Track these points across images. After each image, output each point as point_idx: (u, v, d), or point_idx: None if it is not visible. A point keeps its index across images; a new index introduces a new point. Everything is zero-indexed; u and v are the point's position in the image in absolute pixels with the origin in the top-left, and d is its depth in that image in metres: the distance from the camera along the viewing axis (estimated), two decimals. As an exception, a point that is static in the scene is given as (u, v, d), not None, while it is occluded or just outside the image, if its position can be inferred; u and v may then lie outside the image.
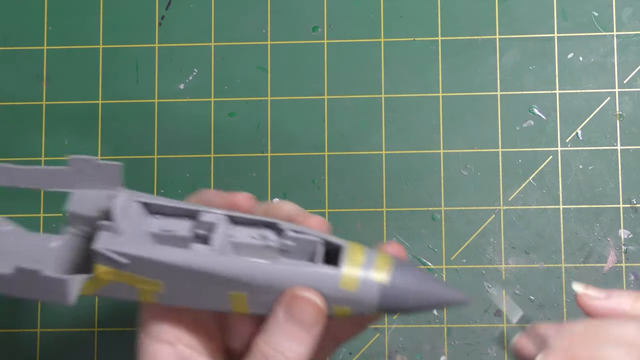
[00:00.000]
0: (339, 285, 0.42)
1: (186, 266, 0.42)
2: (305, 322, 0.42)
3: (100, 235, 0.42)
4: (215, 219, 0.43)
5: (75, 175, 0.45)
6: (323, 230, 0.45)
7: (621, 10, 0.64)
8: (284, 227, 0.43)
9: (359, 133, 0.64)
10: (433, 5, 0.64)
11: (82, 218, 0.45)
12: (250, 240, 0.43)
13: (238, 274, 0.42)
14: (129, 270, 0.42)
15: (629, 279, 0.62)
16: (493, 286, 0.61)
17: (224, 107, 0.65)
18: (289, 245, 0.43)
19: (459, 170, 0.63)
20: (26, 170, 0.45)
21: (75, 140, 0.65)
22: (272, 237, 0.44)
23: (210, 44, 0.65)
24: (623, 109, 0.63)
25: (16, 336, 0.63)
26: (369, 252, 0.43)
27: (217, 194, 0.46)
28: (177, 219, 0.44)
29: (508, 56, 0.64)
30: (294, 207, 0.46)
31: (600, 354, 0.40)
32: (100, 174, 0.45)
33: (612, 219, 0.62)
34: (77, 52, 0.66)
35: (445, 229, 0.63)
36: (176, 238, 0.43)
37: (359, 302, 0.43)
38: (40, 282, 0.41)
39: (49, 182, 0.46)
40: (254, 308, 0.44)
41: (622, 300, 0.43)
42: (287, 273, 0.42)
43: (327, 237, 0.44)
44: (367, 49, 0.64)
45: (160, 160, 0.64)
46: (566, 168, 0.63)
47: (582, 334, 0.41)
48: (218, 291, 0.43)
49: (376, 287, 0.42)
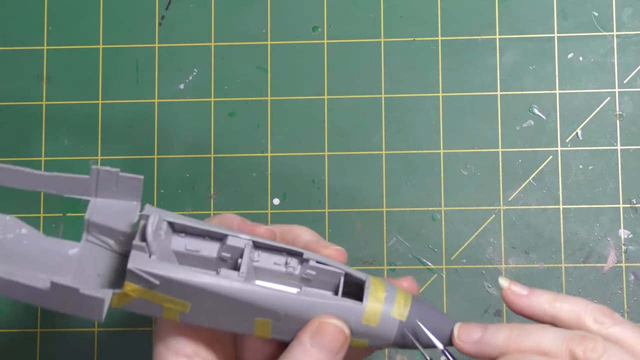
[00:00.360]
0: (362, 320, 0.44)
1: (218, 292, 0.43)
2: (331, 349, 0.43)
3: (133, 254, 0.43)
4: (242, 244, 0.44)
5: (95, 185, 0.45)
6: (342, 259, 0.46)
7: (621, 10, 0.64)
8: (309, 256, 0.45)
9: (359, 133, 0.64)
10: (433, 5, 0.64)
11: (100, 227, 0.45)
12: (273, 266, 0.45)
13: (268, 303, 0.43)
14: (159, 291, 0.43)
15: (629, 279, 0.62)
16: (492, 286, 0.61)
17: (224, 107, 0.65)
18: (310, 275, 0.45)
19: (459, 170, 0.63)
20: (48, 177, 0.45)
21: (75, 141, 0.65)
22: (295, 265, 0.45)
23: (210, 44, 0.65)
24: (623, 109, 0.63)
25: (16, 336, 0.63)
26: (389, 287, 0.45)
27: (239, 221, 0.47)
28: (201, 239, 0.45)
29: (508, 56, 0.64)
30: (313, 235, 0.48)
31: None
32: (121, 185, 0.45)
33: (612, 219, 0.62)
34: (77, 52, 0.66)
35: (445, 229, 0.63)
36: (202, 259, 0.44)
37: (378, 336, 0.44)
38: (75, 298, 0.42)
39: (69, 189, 0.46)
40: (276, 334, 0.45)
41: (541, 300, 0.45)
42: (314, 304, 0.44)
43: (350, 270, 0.45)
44: (367, 49, 0.65)
45: (160, 160, 0.64)
46: (566, 168, 0.63)
47: (507, 339, 0.43)
48: (244, 316, 0.44)
49: (396, 323, 0.44)
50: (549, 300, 0.45)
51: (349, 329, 0.44)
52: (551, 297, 0.45)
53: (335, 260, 0.46)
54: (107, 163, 0.64)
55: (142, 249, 0.43)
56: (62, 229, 0.64)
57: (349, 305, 0.44)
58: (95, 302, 0.42)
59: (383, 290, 0.45)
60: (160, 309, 0.44)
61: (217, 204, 0.64)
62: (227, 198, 0.64)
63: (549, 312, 0.45)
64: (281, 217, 0.63)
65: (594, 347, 0.42)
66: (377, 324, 0.44)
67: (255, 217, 0.63)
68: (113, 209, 0.46)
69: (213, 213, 0.63)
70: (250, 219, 0.63)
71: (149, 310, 0.44)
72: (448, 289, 0.62)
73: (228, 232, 0.44)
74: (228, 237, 0.44)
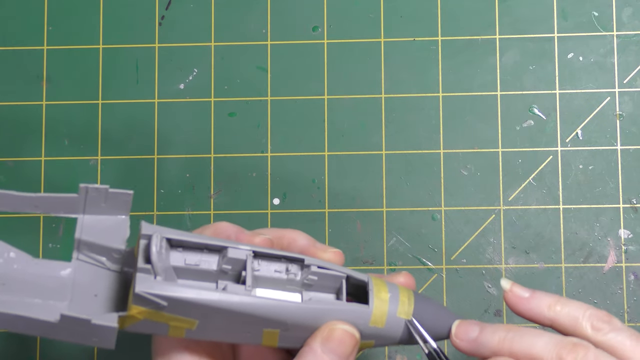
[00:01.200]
0: (369, 322, 0.44)
1: (228, 308, 0.43)
2: (342, 354, 0.44)
3: (139, 278, 0.42)
4: (243, 255, 0.44)
5: (82, 202, 0.44)
6: (339, 261, 0.47)
7: (621, 10, 0.64)
8: (309, 262, 0.45)
9: (359, 133, 0.64)
10: (433, 5, 0.64)
11: (92, 246, 0.44)
12: (274, 274, 0.45)
13: (277, 314, 0.43)
14: (166, 311, 0.43)
15: (628, 279, 0.62)
16: None
17: (224, 107, 0.65)
18: (312, 280, 0.45)
19: (459, 170, 0.63)
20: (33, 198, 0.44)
21: (75, 141, 0.65)
22: (295, 271, 0.45)
23: (210, 44, 0.65)
24: (623, 109, 0.63)
25: (16, 335, 0.63)
26: (391, 287, 0.45)
27: (236, 231, 0.47)
28: (199, 252, 0.44)
29: (508, 56, 0.64)
30: (308, 239, 0.48)
31: None
32: (111, 201, 0.45)
33: (612, 219, 0.62)
34: (77, 52, 0.66)
35: (445, 229, 0.63)
36: (202, 272, 0.44)
37: (385, 337, 0.45)
38: (86, 328, 0.41)
39: (56, 208, 0.45)
40: (283, 342, 0.45)
41: (542, 303, 0.45)
42: (322, 311, 0.44)
43: (351, 272, 0.45)
44: (367, 49, 0.64)
45: (160, 160, 0.64)
46: (566, 168, 0.63)
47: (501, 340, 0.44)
48: (252, 328, 0.44)
49: (402, 322, 0.45)
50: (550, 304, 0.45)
51: (358, 333, 0.44)
52: (552, 300, 0.45)
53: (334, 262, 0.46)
54: (107, 163, 0.64)
55: (147, 271, 0.42)
56: (62, 229, 0.64)
57: (356, 309, 0.44)
58: (107, 332, 0.41)
59: (386, 291, 0.45)
60: (167, 328, 0.44)
61: (217, 204, 0.64)
62: (227, 198, 0.64)
63: (547, 316, 0.45)
64: (281, 217, 0.63)
65: (584, 355, 0.42)
66: (384, 325, 0.44)
67: (255, 217, 0.63)
68: (102, 225, 0.44)
69: (213, 213, 0.63)
70: (250, 218, 0.63)
71: (155, 329, 0.44)
72: (448, 289, 0.62)
73: (227, 244, 0.44)
74: (228, 249, 0.44)
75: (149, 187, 0.64)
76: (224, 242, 0.44)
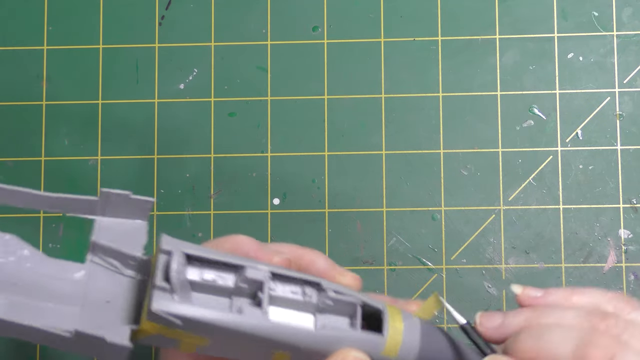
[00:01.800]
0: (381, 352, 0.44)
1: (240, 330, 0.42)
2: None
3: (157, 295, 0.41)
4: (261, 277, 0.43)
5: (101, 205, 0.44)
6: (357, 286, 0.47)
7: (621, 10, 0.64)
8: (326, 286, 0.44)
9: (359, 133, 0.64)
10: (433, 5, 0.65)
11: (108, 250, 0.44)
12: (290, 294, 0.44)
13: (290, 339, 0.43)
14: (180, 328, 0.42)
15: (629, 279, 0.62)
16: None
17: (224, 107, 0.65)
18: (328, 304, 0.44)
19: (459, 170, 0.63)
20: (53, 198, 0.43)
21: (75, 141, 0.65)
22: (311, 293, 0.44)
23: (210, 44, 0.65)
24: (623, 109, 0.63)
25: (16, 336, 0.63)
26: (406, 316, 0.45)
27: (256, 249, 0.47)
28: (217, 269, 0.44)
29: (508, 56, 0.64)
30: (327, 262, 0.47)
31: (545, 338, 0.43)
32: (131, 207, 0.44)
33: (612, 219, 0.62)
34: (77, 52, 0.66)
35: (445, 229, 0.63)
36: (217, 288, 0.43)
37: None
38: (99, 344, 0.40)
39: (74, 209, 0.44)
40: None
41: (557, 297, 0.45)
42: (336, 339, 0.44)
43: (367, 299, 0.45)
44: (367, 49, 0.64)
45: (160, 160, 0.64)
46: (566, 168, 0.63)
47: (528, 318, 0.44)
48: (264, 350, 0.44)
49: (414, 352, 0.45)
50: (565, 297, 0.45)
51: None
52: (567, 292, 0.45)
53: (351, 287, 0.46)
54: (107, 163, 0.64)
55: (165, 289, 0.41)
56: (62, 228, 0.64)
57: (370, 339, 0.44)
58: (121, 349, 0.41)
59: (401, 320, 0.45)
60: (178, 343, 0.43)
61: (217, 204, 0.64)
62: (227, 198, 0.64)
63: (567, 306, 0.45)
64: (281, 217, 0.63)
65: (615, 323, 0.42)
66: (396, 354, 0.44)
67: (255, 217, 0.63)
68: (120, 230, 0.44)
69: (213, 213, 0.63)
70: (250, 218, 0.63)
71: (166, 344, 0.43)
72: (448, 289, 0.62)
73: (246, 263, 0.43)
74: (246, 269, 0.43)
75: (149, 187, 0.64)
76: (243, 261, 0.44)
